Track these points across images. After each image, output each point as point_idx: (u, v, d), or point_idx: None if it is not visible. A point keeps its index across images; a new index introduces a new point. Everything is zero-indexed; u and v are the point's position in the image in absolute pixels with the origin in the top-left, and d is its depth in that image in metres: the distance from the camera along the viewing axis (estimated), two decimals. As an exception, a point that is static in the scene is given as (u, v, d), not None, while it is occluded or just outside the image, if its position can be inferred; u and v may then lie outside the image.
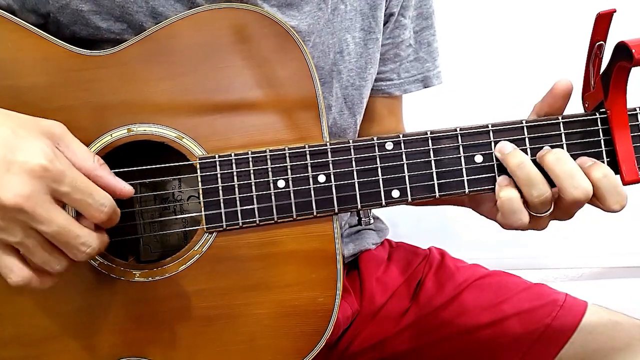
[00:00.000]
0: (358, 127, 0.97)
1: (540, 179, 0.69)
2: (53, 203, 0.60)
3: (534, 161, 0.71)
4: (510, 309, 0.95)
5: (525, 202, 0.70)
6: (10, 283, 0.62)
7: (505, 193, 0.70)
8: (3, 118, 0.62)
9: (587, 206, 0.73)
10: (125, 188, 0.67)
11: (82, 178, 0.63)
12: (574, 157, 0.71)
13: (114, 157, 0.73)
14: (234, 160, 0.73)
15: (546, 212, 0.71)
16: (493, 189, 0.73)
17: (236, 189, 0.73)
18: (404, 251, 1.08)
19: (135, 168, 0.73)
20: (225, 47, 0.75)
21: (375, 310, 0.99)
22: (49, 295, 0.73)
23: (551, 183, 0.70)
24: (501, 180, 0.72)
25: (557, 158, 0.70)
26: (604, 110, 0.72)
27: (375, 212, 1.09)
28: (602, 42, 0.69)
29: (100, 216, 0.64)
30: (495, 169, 0.73)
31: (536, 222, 0.72)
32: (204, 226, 0.74)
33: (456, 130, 0.73)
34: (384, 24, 0.95)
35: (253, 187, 0.73)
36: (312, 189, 0.73)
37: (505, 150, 0.72)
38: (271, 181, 0.73)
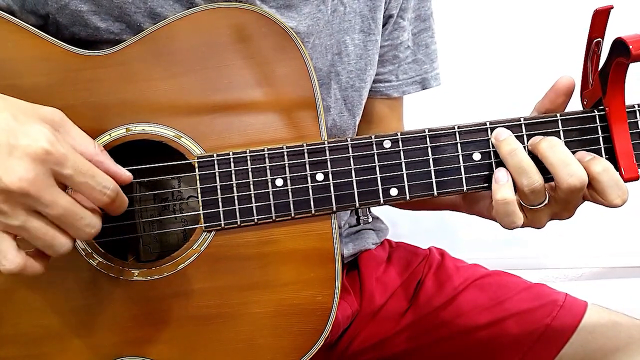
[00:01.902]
0: (357, 128, 0.97)
1: (531, 168, 0.69)
2: (56, 186, 0.60)
3: (530, 152, 0.71)
4: (510, 309, 0.94)
5: (517, 193, 0.70)
6: (3, 270, 0.62)
7: (502, 195, 0.70)
8: (3, 104, 0.62)
9: (586, 206, 0.73)
10: (125, 174, 0.67)
11: (84, 161, 0.62)
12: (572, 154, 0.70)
13: (113, 156, 0.73)
14: (232, 159, 0.73)
15: (540, 204, 0.70)
16: (491, 187, 0.73)
17: (234, 188, 0.73)
18: (404, 251, 1.08)
19: (133, 167, 0.73)
20: (224, 47, 0.75)
21: (375, 310, 0.99)
22: (48, 294, 0.74)
23: (545, 173, 0.70)
24: (498, 176, 0.71)
25: (551, 145, 0.70)
26: (602, 107, 0.72)
27: (375, 212, 1.09)
28: (599, 39, 0.69)
29: (104, 198, 0.63)
30: (494, 166, 0.73)
31: (533, 218, 0.72)
32: (202, 225, 0.74)
33: (454, 128, 0.73)
34: (383, 26, 0.95)
35: (251, 186, 0.73)
36: (310, 187, 0.73)
37: (500, 136, 0.72)
38: (269, 180, 0.73)
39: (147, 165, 0.74)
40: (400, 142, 0.73)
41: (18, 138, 0.59)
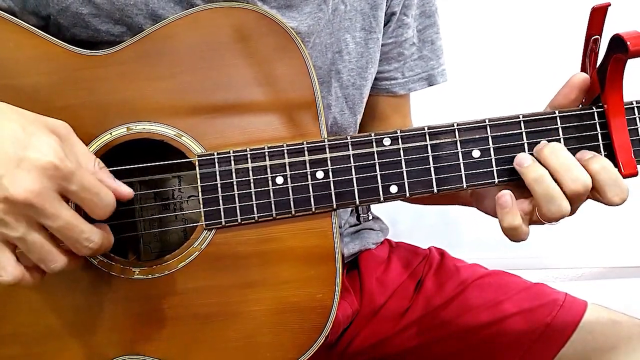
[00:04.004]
0: (358, 126, 0.97)
1: (559, 194, 0.69)
2: (60, 199, 0.61)
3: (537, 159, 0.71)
4: (510, 308, 0.95)
5: (537, 213, 0.70)
6: (0, 281, 0.62)
7: (508, 223, 0.70)
8: (12, 114, 0.63)
9: (586, 206, 0.73)
10: (125, 191, 0.68)
11: (89, 178, 0.64)
12: (572, 151, 0.71)
13: (114, 155, 0.73)
14: (232, 158, 0.74)
15: (558, 221, 0.71)
16: (491, 184, 0.73)
17: (235, 186, 0.74)
18: (404, 251, 1.08)
19: (134, 166, 0.73)
20: (224, 46, 0.75)
21: (375, 310, 0.99)
22: (49, 293, 0.74)
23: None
24: (502, 202, 0.70)
25: (553, 150, 0.70)
26: (600, 104, 0.72)
27: (376, 211, 1.09)
28: (597, 37, 0.70)
29: (103, 214, 0.65)
30: (493, 163, 0.73)
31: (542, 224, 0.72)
32: (203, 223, 0.74)
33: (454, 126, 0.73)
34: (386, 24, 0.95)
35: (252, 184, 0.74)
36: (310, 185, 0.74)
37: (524, 163, 0.71)
38: (269, 178, 0.74)
39: (148, 164, 0.74)
40: (399, 140, 0.74)
41: (27, 150, 0.60)
